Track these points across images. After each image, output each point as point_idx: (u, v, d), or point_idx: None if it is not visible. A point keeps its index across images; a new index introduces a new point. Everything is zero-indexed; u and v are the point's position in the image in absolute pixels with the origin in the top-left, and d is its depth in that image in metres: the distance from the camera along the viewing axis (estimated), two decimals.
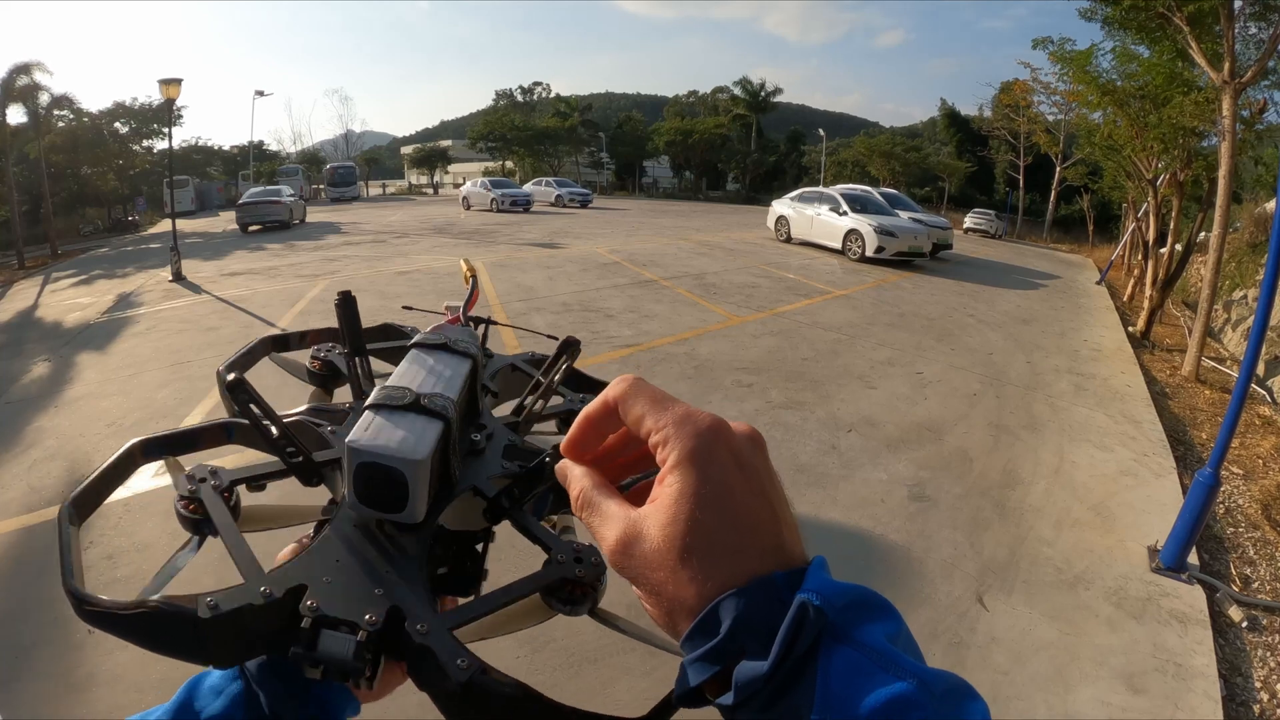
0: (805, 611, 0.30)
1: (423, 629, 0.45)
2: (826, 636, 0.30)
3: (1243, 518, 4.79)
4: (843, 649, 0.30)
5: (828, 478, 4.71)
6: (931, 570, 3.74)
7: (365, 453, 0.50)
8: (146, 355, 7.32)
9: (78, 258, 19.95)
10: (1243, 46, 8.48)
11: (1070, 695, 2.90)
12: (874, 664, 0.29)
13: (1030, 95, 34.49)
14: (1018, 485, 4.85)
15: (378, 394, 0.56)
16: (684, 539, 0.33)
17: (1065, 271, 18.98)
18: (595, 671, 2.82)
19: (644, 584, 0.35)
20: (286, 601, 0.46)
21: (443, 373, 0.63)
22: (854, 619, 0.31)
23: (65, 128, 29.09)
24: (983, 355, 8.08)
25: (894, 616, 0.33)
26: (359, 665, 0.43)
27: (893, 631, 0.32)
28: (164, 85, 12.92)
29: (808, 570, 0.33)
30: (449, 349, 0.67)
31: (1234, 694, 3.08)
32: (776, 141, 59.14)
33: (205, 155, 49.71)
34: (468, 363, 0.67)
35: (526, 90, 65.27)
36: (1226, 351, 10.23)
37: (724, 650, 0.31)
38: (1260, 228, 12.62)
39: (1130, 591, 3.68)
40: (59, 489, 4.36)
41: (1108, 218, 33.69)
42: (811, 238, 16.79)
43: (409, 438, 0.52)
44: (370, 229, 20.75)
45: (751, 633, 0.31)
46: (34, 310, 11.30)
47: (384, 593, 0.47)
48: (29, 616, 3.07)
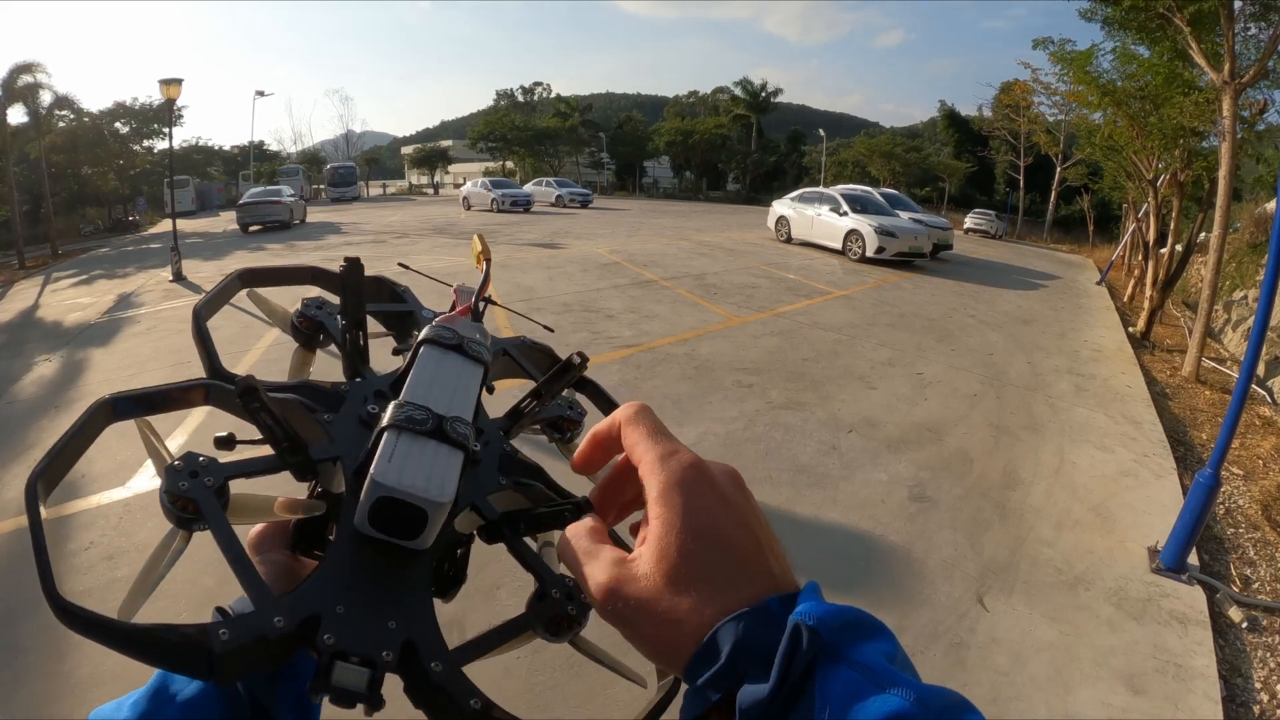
0: (800, 633, 0.31)
1: (437, 667, 0.45)
2: (823, 657, 0.31)
3: (1243, 518, 4.79)
4: (839, 669, 0.31)
5: (828, 478, 4.71)
6: (932, 571, 3.74)
7: (390, 489, 0.49)
8: (147, 355, 7.32)
9: (78, 258, 19.95)
10: (1243, 47, 8.48)
11: (1070, 696, 2.89)
12: (871, 682, 0.30)
13: (1030, 96, 34.49)
14: (1018, 486, 4.85)
15: (397, 413, 0.53)
16: (679, 570, 0.34)
17: (1065, 272, 18.99)
18: (596, 673, 2.80)
19: (638, 622, 0.35)
20: (300, 634, 0.45)
21: (458, 385, 0.60)
22: (849, 639, 0.32)
23: (66, 128, 29.08)
24: (983, 356, 8.09)
25: (888, 637, 0.33)
26: (376, 698, 0.43)
27: (889, 651, 0.32)
28: (164, 85, 12.93)
29: (800, 595, 0.34)
30: (464, 352, 0.63)
31: (1234, 694, 3.08)
32: (777, 142, 59.14)
33: (206, 155, 49.69)
34: (480, 370, 0.64)
35: (527, 90, 65.39)
36: (1227, 352, 10.22)
37: (727, 675, 0.32)
38: (1261, 228, 12.62)
39: (1130, 592, 3.68)
40: (59, 489, 4.35)
41: (1108, 218, 33.72)
42: (812, 238, 16.79)
43: (435, 476, 0.50)
44: (370, 229, 20.76)
45: (751, 657, 0.32)
46: (35, 310, 11.29)
47: (397, 626, 0.47)
48: (29, 616, 3.07)
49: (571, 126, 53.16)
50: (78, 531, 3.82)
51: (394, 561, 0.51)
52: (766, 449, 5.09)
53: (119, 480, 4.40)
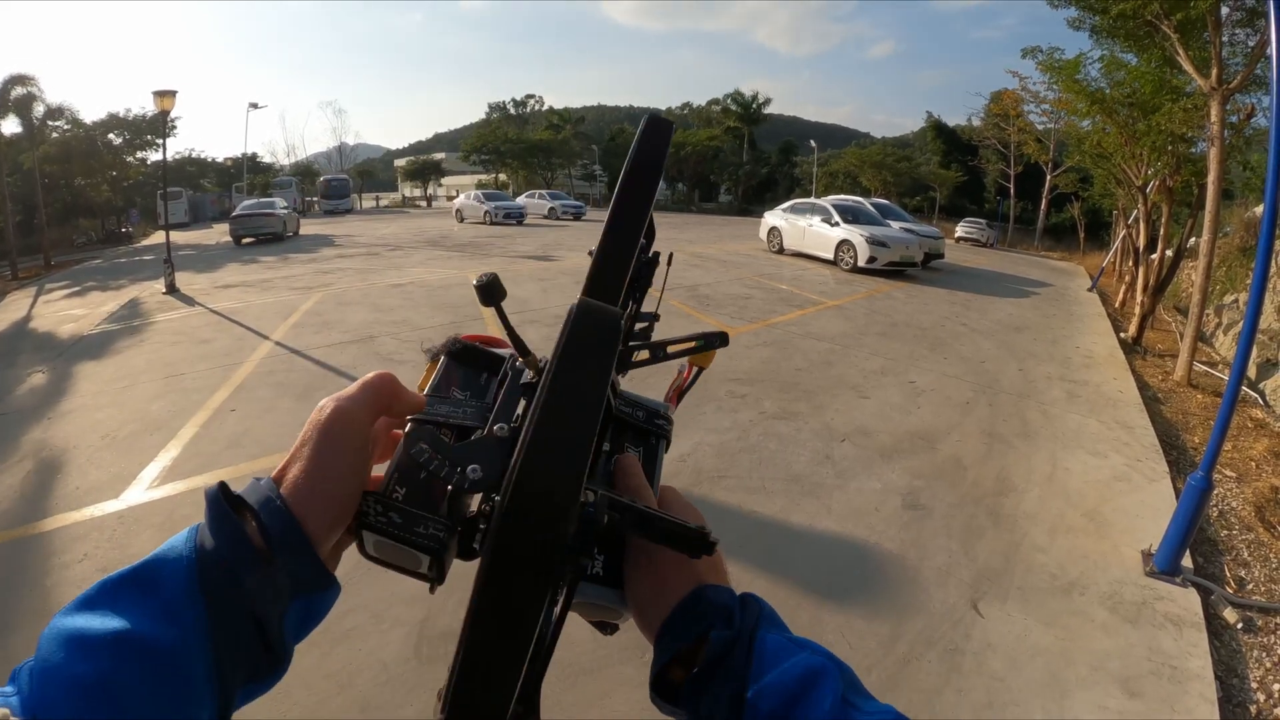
0: (749, 601, 0.48)
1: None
2: (763, 621, 0.46)
3: (1236, 520, 4.81)
4: (773, 633, 0.45)
5: (822, 487, 4.72)
6: (926, 578, 3.75)
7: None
8: (140, 367, 7.29)
9: (71, 269, 19.88)
10: (1230, 53, 8.57)
11: (1066, 700, 2.90)
12: (795, 644, 0.44)
13: (1020, 105, 34.77)
14: (1011, 492, 4.86)
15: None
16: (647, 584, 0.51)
17: (1057, 279, 19.09)
18: (592, 683, 2.81)
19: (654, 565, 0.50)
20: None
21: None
22: (777, 620, 0.48)
23: (59, 138, 29.08)
24: (975, 364, 8.12)
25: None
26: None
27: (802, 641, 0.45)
28: (158, 97, 12.95)
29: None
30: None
31: (1230, 695, 3.08)
32: (769, 153, 59.38)
33: (199, 167, 49.72)
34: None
35: (519, 103, 65.65)
36: (1218, 356, 10.28)
37: (699, 621, 0.46)
38: (1250, 232, 12.69)
39: (1125, 596, 3.69)
40: (53, 501, 4.34)
41: (1098, 225, 33.90)
42: (804, 249, 16.86)
43: None
44: (364, 241, 20.75)
45: (717, 611, 0.47)
46: (27, 321, 11.24)
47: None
48: (21, 629, 3.05)
49: (564, 139, 53.39)
50: (71, 543, 3.79)
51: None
52: (760, 459, 5.09)
53: (113, 492, 4.39)
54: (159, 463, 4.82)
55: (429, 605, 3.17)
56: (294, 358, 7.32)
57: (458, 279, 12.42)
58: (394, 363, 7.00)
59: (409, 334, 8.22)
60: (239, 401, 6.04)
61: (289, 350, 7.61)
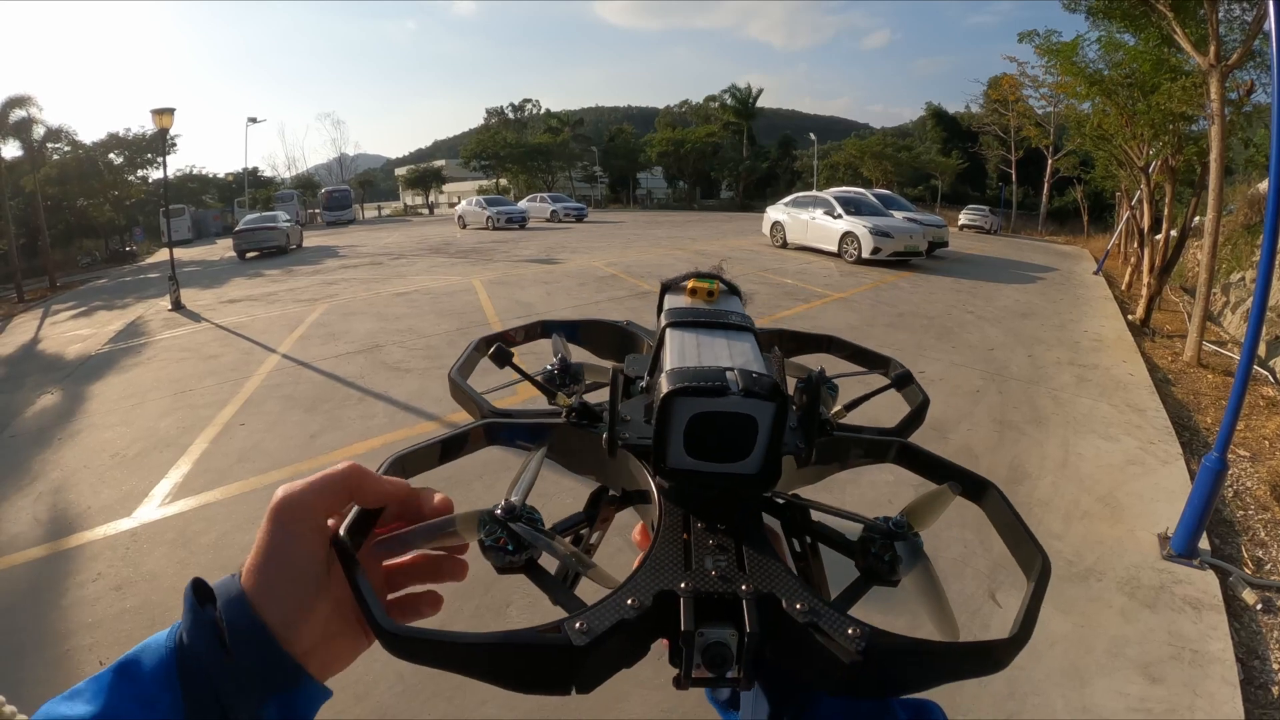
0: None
1: (802, 608, 0.41)
2: None
3: (1252, 500, 4.77)
4: None
5: (834, 480, 4.63)
6: (943, 568, 3.70)
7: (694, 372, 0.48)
8: (148, 385, 7.32)
9: (77, 289, 20.01)
10: (1227, 29, 8.51)
11: (1087, 688, 2.88)
12: None
13: (1019, 89, 34.60)
14: (1024, 480, 4.84)
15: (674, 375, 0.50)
16: None
17: (1062, 263, 18.99)
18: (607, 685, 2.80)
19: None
20: (659, 614, 0.41)
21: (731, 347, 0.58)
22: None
23: (60, 160, 29.26)
24: (983, 351, 8.08)
25: None
26: (748, 667, 0.40)
27: None
28: (156, 115, 12.99)
29: None
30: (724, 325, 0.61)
31: (1252, 677, 3.06)
32: (768, 148, 59.28)
33: (200, 183, 49.91)
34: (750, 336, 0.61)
35: (517, 107, 65.56)
36: (1227, 334, 10.21)
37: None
38: (1255, 209, 12.61)
39: (1143, 580, 3.66)
40: (64, 522, 4.36)
41: (1102, 207, 33.73)
42: (807, 242, 16.82)
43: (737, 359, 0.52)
44: (367, 251, 20.81)
45: None
46: (35, 343, 11.31)
47: (748, 587, 0.42)
48: (37, 651, 3.06)
49: (563, 141, 53.43)
50: (86, 563, 3.81)
51: (721, 515, 0.49)
52: None
53: (125, 510, 4.40)
54: (170, 479, 4.84)
55: (442, 614, 3.16)
56: (301, 370, 7.34)
57: (462, 285, 12.44)
58: (400, 371, 7.01)
59: (415, 342, 8.23)
60: (248, 415, 6.06)
61: (296, 362, 7.63)
